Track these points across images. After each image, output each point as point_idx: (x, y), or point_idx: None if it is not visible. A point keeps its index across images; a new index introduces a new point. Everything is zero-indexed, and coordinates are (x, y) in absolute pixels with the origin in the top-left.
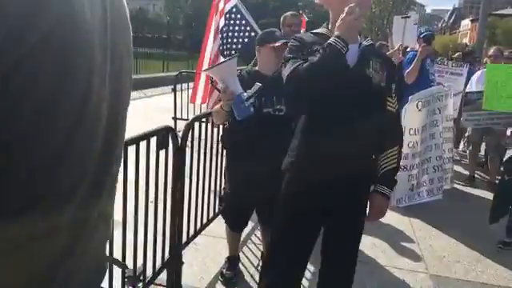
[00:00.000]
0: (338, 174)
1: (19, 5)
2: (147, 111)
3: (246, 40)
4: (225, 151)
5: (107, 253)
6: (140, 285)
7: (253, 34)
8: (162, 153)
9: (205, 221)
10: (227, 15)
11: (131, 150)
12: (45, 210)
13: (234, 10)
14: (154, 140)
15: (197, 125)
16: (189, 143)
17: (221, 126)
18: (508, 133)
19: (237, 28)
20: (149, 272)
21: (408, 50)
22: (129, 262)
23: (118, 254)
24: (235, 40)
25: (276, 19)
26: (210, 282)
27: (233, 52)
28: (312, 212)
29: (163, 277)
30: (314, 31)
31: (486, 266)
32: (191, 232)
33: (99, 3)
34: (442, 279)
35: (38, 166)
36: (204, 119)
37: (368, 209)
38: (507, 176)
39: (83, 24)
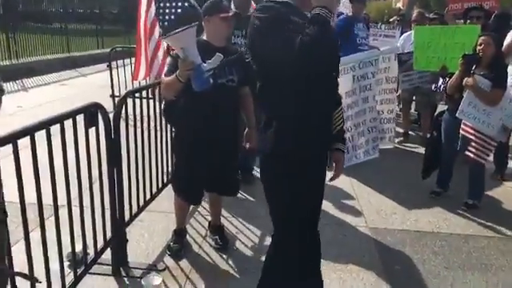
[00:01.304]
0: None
1: None
2: (84, 90)
3: (179, 11)
4: (168, 125)
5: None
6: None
7: (186, 4)
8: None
9: (148, 197)
10: None
11: (55, 129)
12: None
13: None
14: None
15: (136, 100)
16: (130, 120)
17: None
18: (432, 88)
19: None
20: (92, 253)
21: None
22: (67, 247)
23: (53, 241)
24: (167, 11)
25: None
26: (157, 256)
27: (166, 23)
28: None
29: (108, 257)
30: (277, 0)
31: (419, 215)
32: (134, 209)
33: None
34: (380, 231)
35: None
36: (138, 94)
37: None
38: (436, 132)
39: None
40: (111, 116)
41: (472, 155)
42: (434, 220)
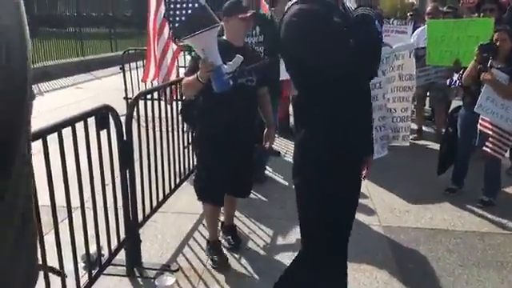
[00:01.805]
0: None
1: None
2: (98, 93)
3: (189, 12)
4: (181, 125)
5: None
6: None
7: (196, 5)
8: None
9: (161, 198)
10: None
11: (68, 132)
12: None
13: None
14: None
15: (148, 102)
16: (142, 122)
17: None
18: (447, 83)
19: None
20: (107, 254)
21: None
22: (82, 248)
23: (67, 242)
24: (178, 12)
25: None
26: (170, 257)
27: (176, 25)
28: None
29: (122, 257)
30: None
31: (434, 213)
32: (147, 210)
33: None
34: (393, 229)
35: None
36: (150, 95)
37: None
38: (451, 128)
39: None
40: (124, 118)
41: (489, 150)
42: (449, 217)
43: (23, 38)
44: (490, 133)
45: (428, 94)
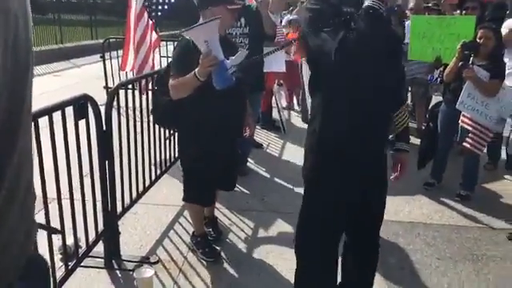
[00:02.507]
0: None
1: None
2: (78, 82)
3: (172, 0)
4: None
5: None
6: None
7: None
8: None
9: (141, 189)
10: None
11: (44, 121)
12: None
13: None
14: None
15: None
16: (122, 111)
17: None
18: (428, 78)
19: None
20: (84, 246)
21: None
22: (59, 240)
23: (43, 234)
24: (160, 0)
25: None
26: (150, 248)
27: (159, 13)
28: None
29: (101, 250)
30: None
31: (412, 206)
32: (127, 201)
33: None
34: None
35: None
36: (130, 85)
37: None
38: (432, 123)
39: None
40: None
41: (469, 146)
42: (427, 211)
43: (28, 22)
44: (471, 129)
45: (410, 89)
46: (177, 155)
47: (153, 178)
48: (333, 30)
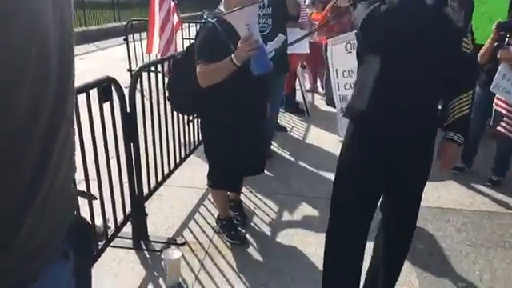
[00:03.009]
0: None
1: None
2: (103, 65)
3: None
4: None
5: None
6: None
7: None
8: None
9: (166, 171)
10: None
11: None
12: None
13: None
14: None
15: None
16: (146, 94)
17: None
18: None
19: None
20: (113, 227)
21: None
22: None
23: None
24: None
25: None
26: (176, 230)
27: None
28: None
29: (129, 231)
30: None
31: (441, 191)
32: (153, 183)
33: None
34: None
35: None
36: (153, 68)
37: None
38: None
39: None
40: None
41: (503, 130)
42: (457, 197)
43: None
44: (505, 112)
45: None
46: (200, 138)
47: (177, 160)
48: (369, 2)
